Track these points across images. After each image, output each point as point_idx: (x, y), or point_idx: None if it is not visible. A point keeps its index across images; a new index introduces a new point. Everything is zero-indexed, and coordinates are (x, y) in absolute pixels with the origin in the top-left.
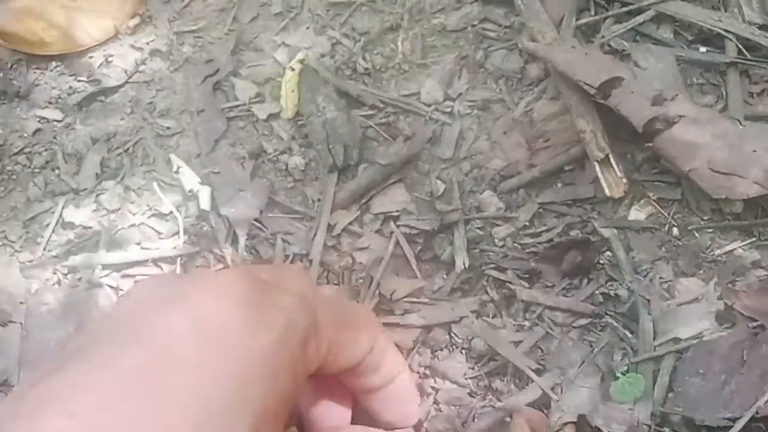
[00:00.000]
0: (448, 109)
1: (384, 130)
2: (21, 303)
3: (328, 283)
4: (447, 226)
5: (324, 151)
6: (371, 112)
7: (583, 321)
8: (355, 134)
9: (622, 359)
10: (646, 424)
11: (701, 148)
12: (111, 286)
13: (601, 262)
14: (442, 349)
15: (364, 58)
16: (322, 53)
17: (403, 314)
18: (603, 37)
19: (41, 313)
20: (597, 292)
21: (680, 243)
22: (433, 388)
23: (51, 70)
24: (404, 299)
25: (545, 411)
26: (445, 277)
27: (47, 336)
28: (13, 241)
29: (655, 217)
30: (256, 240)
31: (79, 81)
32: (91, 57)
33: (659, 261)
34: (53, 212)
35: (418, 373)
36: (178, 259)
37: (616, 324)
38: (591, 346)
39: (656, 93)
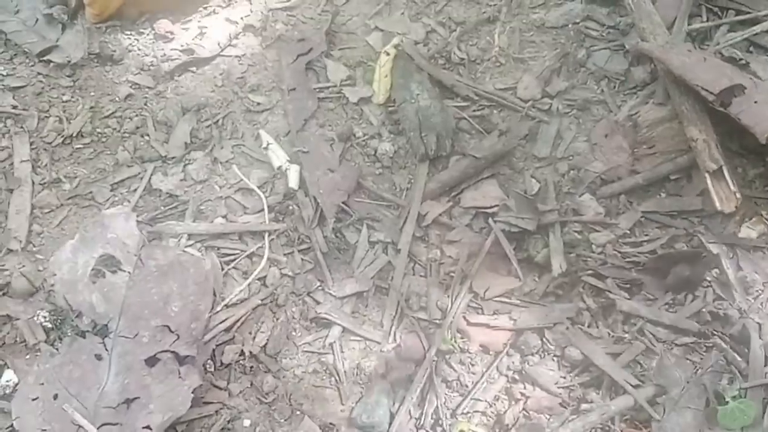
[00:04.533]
0: (546, 107)
1: (478, 122)
2: (131, 254)
3: (414, 274)
4: (542, 227)
5: (416, 138)
6: (465, 104)
7: (687, 339)
8: (449, 124)
9: (730, 383)
10: None
11: None
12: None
13: (708, 279)
14: (533, 354)
15: (459, 48)
16: (416, 40)
17: (493, 314)
18: (718, 44)
19: (149, 267)
20: (704, 310)
21: None
22: (522, 394)
23: (145, 37)
24: (496, 298)
25: (644, 429)
26: (537, 279)
27: (151, 288)
28: (100, 203)
29: (767, 237)
30: (342, 223)
31: (172, 49)
32: (186, 27)
33: None
34: (141, 178)
35: (506, 376)
36: (266, 235)
37: (724, 346)
38: (695, 366)
39: None
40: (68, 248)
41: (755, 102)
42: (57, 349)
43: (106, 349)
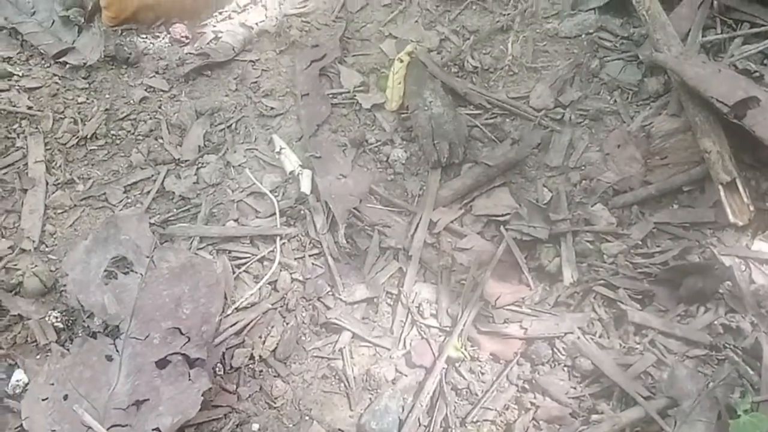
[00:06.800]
0: (559, 116)
1: (490, 130)
2: (143, 255)
3: (425, 281)
4: (554, 236)
5: (428, 146)
6: (478, 112)
7: (699, 351)
8: (461, 132)
9: (742, 397)
10: None
11: None
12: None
13: (720, 291)
14: (543, 364)
15: (472, 57)
16: (430, 48)
17: (504, 323)
18: (732, 56)
19: (161, 269)
20: (716, 322)
21: None
22: (532, 403)
23: (161, 40)
24: (507, 307)
25: None
26: (548, 288)
27: (162, 290)
28: (113, 204)
29: None
30: (353, 229)
31: (187, 53)
32: (202, 32)
33: None
34: (154, 180)
35: (516, 386)
36: (277, 239)
37: (736, 359)
38: (707, 378)
39: None
40: (81, 249)
41: None
42: (68, 350)
43: (117, 351)
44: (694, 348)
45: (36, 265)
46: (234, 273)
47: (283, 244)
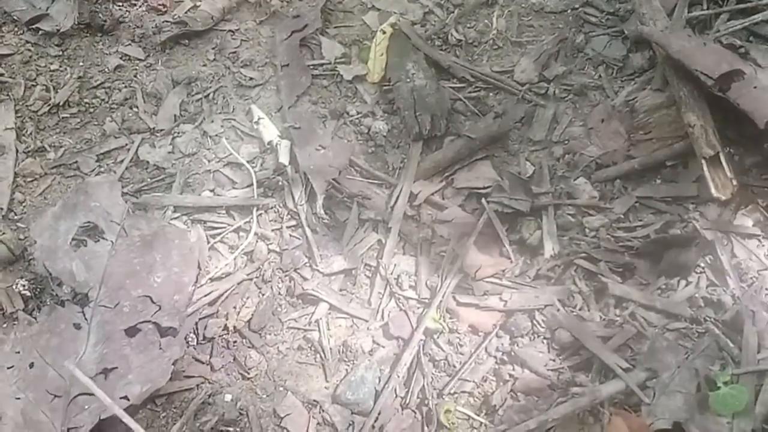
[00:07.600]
0: (543, 91)
1: (473, 104)
2: (114, 223)
3: (404, 253)
4: (536, 209)
5: (410, 118)
6: (461, 85)
7: (679, 324)
8: (444, 105)
9: (722, 369)
10: None
11: None
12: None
13: (702, 265)
14: (523, 336)
15: (456, 30)
16: (414, 20)
17: (483, 295)
18: (718, 32)
19: (132, 237)
20: (697, 295)
21: None
22: (510, 375)
23: (137, 8)
24: (486, 279)
25: (634, 413)
26: (529, 261)
27: (133, 258)
28: (85, 173)
29: (763, 225)
30: (332, 201)
31: (164, 22)
32: (180, 0)
33: (766, 271)
34: (128, 149)
35: (495, 358)
36: (254, 210)
37: (716, 331)
38: (687, 351)
39: None
40: (50, 215)
41: (755, 87)
42: (35, 318)
43: (86, 318)
44: (674, 321)
45: (4, 233)
46: (209, 243)
47: (260, 214)
